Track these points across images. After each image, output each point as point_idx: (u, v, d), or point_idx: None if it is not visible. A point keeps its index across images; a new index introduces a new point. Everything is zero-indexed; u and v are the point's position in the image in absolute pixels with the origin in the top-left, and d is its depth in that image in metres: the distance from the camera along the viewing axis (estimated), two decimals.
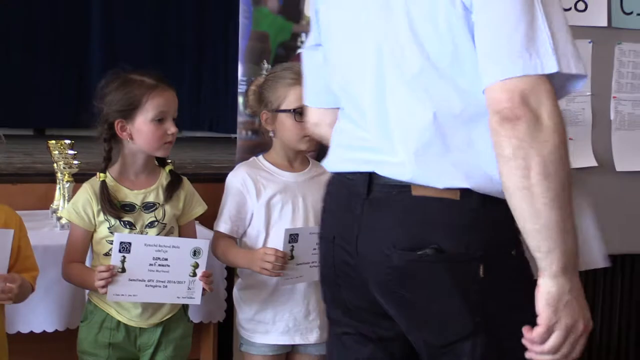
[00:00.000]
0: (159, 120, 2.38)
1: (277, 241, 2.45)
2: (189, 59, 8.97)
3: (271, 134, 2.62)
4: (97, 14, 8.75)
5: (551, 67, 1.43)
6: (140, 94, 2.37)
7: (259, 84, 2.65)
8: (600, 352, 3.89)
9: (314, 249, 2.40)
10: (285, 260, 2.42)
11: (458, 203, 1.57)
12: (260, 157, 2.67)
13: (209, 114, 8.79)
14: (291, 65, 2.66)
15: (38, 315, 2.63)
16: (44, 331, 2.72)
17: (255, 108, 2.65)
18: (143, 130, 2.38)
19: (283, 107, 2.55)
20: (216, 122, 8.85)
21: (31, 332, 2.68)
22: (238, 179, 2.60)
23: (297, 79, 2.51)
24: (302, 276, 2.48)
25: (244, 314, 2.64)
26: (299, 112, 2.50)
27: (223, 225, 2.57)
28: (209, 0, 9.00)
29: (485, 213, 1.57)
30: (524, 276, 1.62)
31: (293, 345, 2.63)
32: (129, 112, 2.38)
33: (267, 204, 2.57)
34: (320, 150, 3.29)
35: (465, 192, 1.56)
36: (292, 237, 2.42)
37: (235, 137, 3.05)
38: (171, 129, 2.40)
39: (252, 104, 2.66)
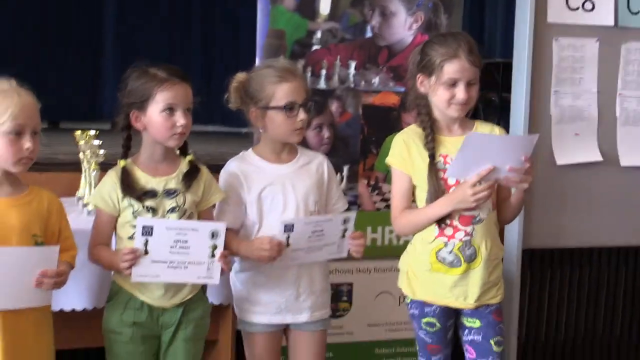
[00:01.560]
0: (169, 111, 2.49)
1: (270, 231, 2.60)
2: (200, 53, 9.04)
3: (261, 130, 2.73)
4: (112, 7, 8.81)
5: None
6: (151, 86, 2.49)
7: (240, 80, 2.73)
8: (602, 345, 3.97)
9: (309, 237, 2.58)
10: (280, 248, 2.55)
11: None
12: (250, 151, 2.79)
13: (220, 108, 8.82)
14: (274, 62, 2.78)
15: (68, 294, 2.76)
16: (74, 309, 2.87)
17: (238, 104, 2.74)
18: (153, 121, 2.50)
19: (273, 104, 2.64)
20: (228, 117, 8.91)
21: (61, 309, 2.81)
22: (230, 174, 2.72)
23: (283, 75, 2.65)
24: (298, 259, 2.62)
25: (240, 295, 2.77)
26: (289, 108, 2.62)
27: (223, 219, 2.67)
28: None
29: None
30: None
31: (288, 324, 2.76)
32: (142, 103, 2.50)
33: (258, 197, 2.69)
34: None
35: None
36: (288, 227, 2.56)
37: (247, 132, 3.16)
38: (180, 120, 2.50)
39: (234, 100, 2.75)
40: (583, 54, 3.59)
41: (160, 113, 2.48)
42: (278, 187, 2.70)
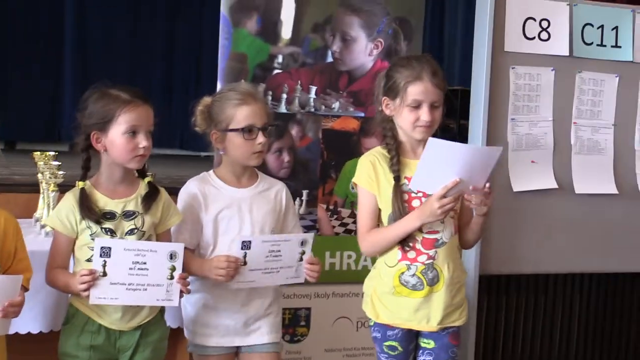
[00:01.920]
0: (132, 133, 2.48)
1: (225, 253, 2.60)
2: (161, 77, 9.04)
3: (221, 152, 2.75)
4: (71, 30, 8.78)
5: None
6: (114, 108, 2.47)
7: (206, 104, 2.75)
8: None
9: (267, 256, 2.58)
10: (237, 265, 2.56)
11: None
12: (211, 172, 2.80)
13: (179, 132, 8.85)
14: (236, 86, 2.82)
15: (23, 317, 2.64)
16: (29, 332, 2.82)
17: (204, 127, 2.75)
18: (115, 143, 2.48)
19: (232, 127, 2.67)
20: (187, 140, 8.92)
21: (16, 333, 2.76)
22: (189, 194, 2.73)
23: (243, 99, 2.68)
24: (254, 281, 2.62)
25: (190, 317, 2.77)
26: (247, 131, 2.64)
27: (180, 237, 2.68)
28: (179, 20, 9.09)
29: None
30: None
31: (238, 346, 2.76)
32: (103, 124, 2.48)
33: (214, 218, 2.70)
34: None
35: None
36: (245, 245, 2.57)
37: (206, 155, 3.16)
38: (142, 142, 2.49)
39: (200, 123, 2.76)
40: (539, 83, 3.65)
41: (123, 135, 2.47)
42: (235, 210, 2.71)
